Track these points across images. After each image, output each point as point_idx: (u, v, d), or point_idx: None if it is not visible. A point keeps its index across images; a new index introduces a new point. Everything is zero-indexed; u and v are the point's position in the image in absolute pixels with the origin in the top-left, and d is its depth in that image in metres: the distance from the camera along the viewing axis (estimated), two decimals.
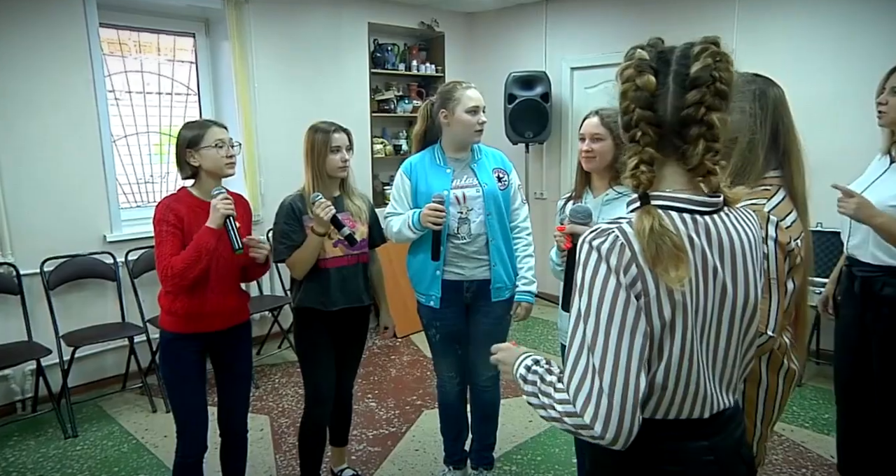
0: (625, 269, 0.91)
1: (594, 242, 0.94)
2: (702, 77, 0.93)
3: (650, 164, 0.96)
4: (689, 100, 0.93)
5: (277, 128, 4.20)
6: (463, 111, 2.23)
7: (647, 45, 0.99)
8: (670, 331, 0.94)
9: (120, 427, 3.16)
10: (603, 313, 0.91)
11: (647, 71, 0.95)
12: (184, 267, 1.90)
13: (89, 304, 3.50)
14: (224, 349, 2.15)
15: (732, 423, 1.06)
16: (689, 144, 0.95)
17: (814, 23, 3.68)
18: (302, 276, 2.25)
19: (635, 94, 0.96)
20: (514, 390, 3.54)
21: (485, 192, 2.28)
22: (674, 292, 0.92)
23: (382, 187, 5.08)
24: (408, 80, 5.21)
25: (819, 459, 2.74)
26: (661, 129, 0.96)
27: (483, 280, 2.32)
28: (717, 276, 0.97)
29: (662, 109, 0.95)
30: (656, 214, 0.93)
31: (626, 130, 0.99)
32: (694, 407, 0.99)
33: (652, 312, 0.92)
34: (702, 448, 0.99)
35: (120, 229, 3.62)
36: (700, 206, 0.97)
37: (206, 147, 1.99)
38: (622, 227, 0.94)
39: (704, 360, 0.99)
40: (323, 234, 2.17)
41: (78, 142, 3.42)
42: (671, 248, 0.90)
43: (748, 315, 1.03)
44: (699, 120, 0.93)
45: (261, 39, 4.11)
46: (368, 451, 2.91)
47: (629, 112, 0.97)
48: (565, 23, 4.89)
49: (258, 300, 3.99)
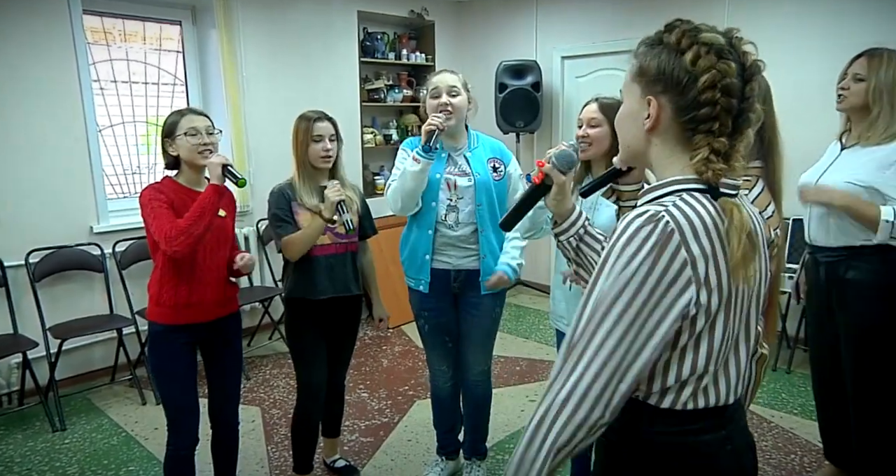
0: (670, 260, 0.87)
1: (642, 230, 0.88)
2: (756, 66, 0.92)
3: (720, 155, 0.93)
4: (748, 91, 0.92)
5: (266, 117, 4.15)
6: (429, 96, 2.24)
7: (674, 28, 0.95)
8: (720, 316, 0.92)
9: (109, 420, 3.13)
10: (627, 297, 0.87)
11: (727, 57, 0.91)
12: (188, 223, 1.85)
13: (76, 296, 3.46)
14: (214, 340, 2.13)
15: (740, 410, 1.06)
16: (738, 133, 0.93)
17: (802, 12, 3.68)
18: (296, 258, 2.22)
19: (724, 82, 0.90)
20: (506, 380, 3.55)
21: (476, 181, 2.26)
22: (722, 278, 0.90)
23: (373, 177, 5.05)
24: (398, 69, 5.17)
25: (807, 445, 2.77)
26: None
27: (471, 270, 2.30)
28: (758, 264, 0.96)
29: (736, 99, 0.92)
30: (740, 208, 0.91)
31: (703, 121, 0.92)
32: (728, 390, 0.98)
33: (702, 297, 0.89)
34: (721, 438, 0.99)
35: (107, 220, 3.57)
36: (734, 190, 0.96)
37: (179, 135, 1.97)
38: (671, 211, 0.90)
39: (741, 344, 0.99)
40: (329, 220, 2.15)
41: (63, 131, 3.36)
42: (748, 244, 0.89)
43: (762, 300, 1.03)
44: (752, 110, 0.93)
45: (249, 28, 4.05)
46: (361, 441, 2.91)
47: (712, 102, 0.90)
48: (556, 12, 4.86)
49: (248, 291, 3.97)
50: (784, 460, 2.68)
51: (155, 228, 1.89)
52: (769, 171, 1.60)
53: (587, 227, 1.27)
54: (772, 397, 3.25)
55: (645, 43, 0.99)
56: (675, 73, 0.92)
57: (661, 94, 0.95)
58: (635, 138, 1.01)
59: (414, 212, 2.29)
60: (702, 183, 0.94)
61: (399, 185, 2.19)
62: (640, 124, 0.98)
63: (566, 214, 1.25)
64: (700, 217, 0.90)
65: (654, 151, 0.99)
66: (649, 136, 0.98)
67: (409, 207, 2.25)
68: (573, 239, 1.26)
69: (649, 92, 0.96)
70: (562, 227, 1.26)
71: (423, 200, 2.25)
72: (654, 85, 0.95)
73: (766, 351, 1.49)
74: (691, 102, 0.92)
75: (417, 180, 2.14)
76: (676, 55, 0.93)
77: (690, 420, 0.97)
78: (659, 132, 0.97)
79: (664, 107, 0.95)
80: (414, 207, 2.26)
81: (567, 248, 1.28)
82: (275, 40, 4.21)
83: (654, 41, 0.97)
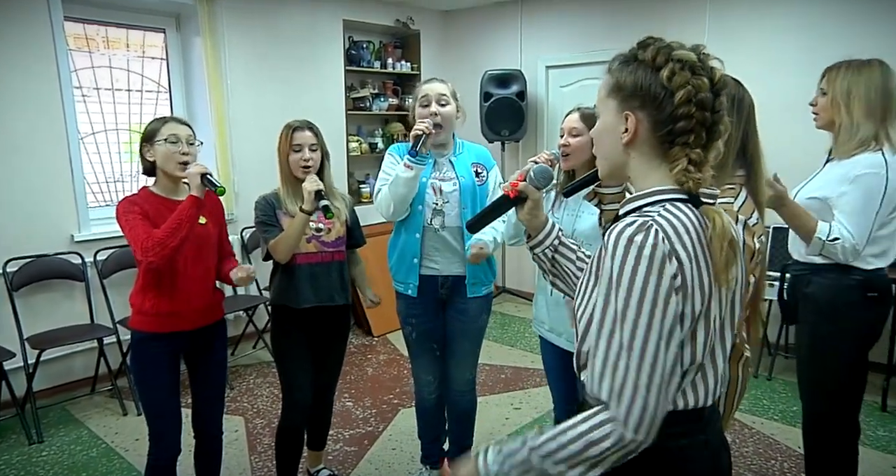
0: (666, 264, 0.90)
1: (636, 240, 0.91)
2: (724, 81, 0.96)
3: (696, 165, 0.96)
4: (718, 104, 0.96)
5: (251, 125, 4.14)
6: (418, 105, 2.27)
7: (648, 45, 0.98)
8: (702, 318, 0.94)
9: (88, 431, 3.08)
10: (644, 312, 0.89)
11: (700, 73, 0.95)
12: (164, 235, 1.84)
13: (56, 305, 3.41)
14: (197, 349, 2.11)
15: (717, 415, 1.08)
16: (710, 144, 0.97)
17: (783, 21, 3.76)
18: (284, 260, 2.21)
19: (699, 97, 0.94)
20: (491, 388, 3.55)
21: (461, 185, 2.28)
22: (704, 283, 0.93)
23: (358, 185, 5.05)
24: (383, 77, 5.18)
25: (787, 451, 2.80)
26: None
27: (458, 275, 2.31)
28: (737, 269, 1.00)
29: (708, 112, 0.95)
30: (722, 216, 0.94)
31: (680, 134, 0.96)
32: (706, 392, 1.00)
33: (688, 304, 0.92)
34: (700, 442, 1.01)
35: (88, 229, 3.53)
36: (713, 200, 1.00)
37: (159, 141, 1.95)
38: (658, 220, 0.93)
39: (717, 347, 1.01)
40: (310, 213, 2.13)
41: (43, 138, 3.32)
42: (729, 250, 0.93)
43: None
44: (721, 122, 0.97)
45: (234, 36, 4.04)
46: (345, 450, 2.89)
47: (688, 116, 0.94)
48: (540, 22, 4.92)
49: (233, 299, 3.93)
50: (765, 466, 2.71)
51: (131, 239, 1.88)
52: (751, 181, 1.63)
53: (561, 238, 1.29)
54: (753, 404, 3.29)
55: (619, 59, 1.01)
56: (652, 89, 0.95)
57: (639, 109, 0.97)
58: (614, 152, 1.03)
59: (402, 217, 2.30)
60: (682, 192, 0.97)
61: (390, 191, 2.21)
62: (618, 138, 1.01)
63: (539, 227, 1.27)
64: (684, 225, 0.93)
65: (632, 164, 1.02)
66: (627, 149, 1.01)
67: (401, 212, 2.27)
68: (548, 251, 1.28)
69: (627, 107, 0.99)
70: (536, 240, 1.28)
71: (409, 205, 2.27)
72: (632, 100, 0.98)
73: (749, 353, 1.52)
74: (668, 117, 0.95)
75: (409, 186, 2.17)
76: (652, 72, 0.96)
77: (669, 424, 0.98)
78: (636, 145, 1.00)
79: (642, 121, 0.98)
80: (405, 212, 2.28)
81: (543, 260, 1.30)
82: (260, 49, 4.21)
83: (629, 58, 1.00)
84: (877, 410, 3.18)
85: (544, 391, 3.36)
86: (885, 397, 3.20)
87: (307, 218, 2.15)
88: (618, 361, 0.91)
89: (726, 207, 1.36)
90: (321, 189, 2.13)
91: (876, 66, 1.89)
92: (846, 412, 2.03)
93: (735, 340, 1.39)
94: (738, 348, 1.47)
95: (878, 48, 3.26)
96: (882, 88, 1.86)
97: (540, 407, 3.27)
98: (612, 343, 0.92)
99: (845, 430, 2.05)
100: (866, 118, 1.87)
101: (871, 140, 1.87)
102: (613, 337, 0.92)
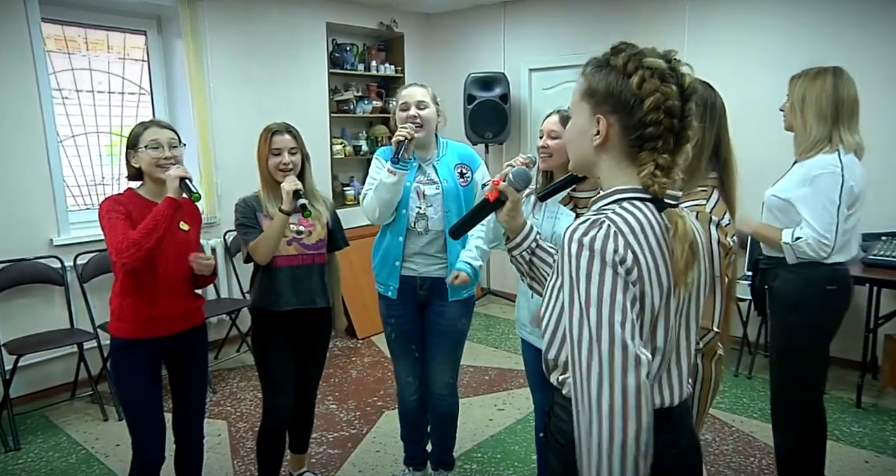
0: (621, 260, 0.92)
1: (585, 238, 0.93)
2: (693, 87, 0.98)
3: (664, 169, 0.98)
4: (686, 110, 0.98)
5: (234, 128, 4.12)
6: (399, 109, 2.29)
7: (621, 51, 1.00)
8: (661, 315, 0.97)
9: (68, 437, 3.05)
10: (605, 305, 0.91)
11: (669, 80, 0.97)
12: (140, 236, 1.82)
13: (35, 310, 3.37)
14: (178, 354, 2.10)
15: (687, 415, 1.10)
16: (678, 149, 0.99)
17: (761, 26, 3.82)
18: (264, 261, 2.20)
19: (667, 104, 0.96)
20: (475, 389, 3.56)
21: (444, 189, 2.29)
22: (662, 279, 0.95)
23: (342, 188, 5.05)
24: (367, 80, 5.19)
25: (766, 448, 2.84)
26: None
27: (438, 278, 2.32)
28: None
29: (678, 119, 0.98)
30: (684, 219, 0.96)
31: (648, 139, 0.98)
32: (672, 392, 1.02)
33: (646, 298, 0.94)
34: (668, 441, 1.02)
35: (68, 232, 3.49)
36: (676, 202, 1.02)
37: (141, 148, 1.95)
38: (611, 217, 0.95)
39: (682, 346, 1.03)
40: (289, 213, 2.13)
41: (21, 141, 3.28)
42: (689, 253, 0.95)
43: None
44: (689, 127, 0.99)
45: (216, 38, 4.03)
46: (328, 453, 2.89)
47: (657, 122, 0.96)
48: (523, 25, 4.95)
49: (216, 303, 3.91)
50: (743, 463, 2.75)
51: (108, 239, 1.87)
52: (724, 183, 1.67)
53: (538, 241, 1.31)
54: (733, 402, 3.33)
55: (592, 64, 1.04)
56: (623, 95, 0.98)
57: (610, 113, 1.00)
58: (585, 153, 1.06)
59: (389, 221, 2.31)
60: (645, 193, 1.00)
61: (375, 196, 2.22)
62: (590, 140, 1.03)
63: (518, 229, 1.29)
64: (638, 220, 0.96)
65: (602, 165, 1.04)
66: (598, 151, 1.03)
67: (386, 217, 2.29)
68: (525, 253, 1.30)
69: (599, 110, 1.01)
70: (514, 242, 1.30)
71: (395, 209, 2.28)
72: (603, 104, 1.00)
73: (722, 352, 1.55)
74: (638, 122, 0.98)
75: (393, 191, 2.19)
76: (623, 78, 0.98)
77: None
78: (607, 148, 1.02)
79: (613, 125, 1.00)
80: (390, 216, 2.29)
81: (520, 262, 1.32)
82: (242, 51, 4.19)
83: (602, 63, 1.02)
84: (852, 407, 3.24)
85: (528, 392, 3.37)
86: (860, 394, 3.26)
87: (286, 218, 2.15)
88: (590, 355, 0.92)
89: (698, 209, 1.39)
90: (299, 188, 2.14)
91: (829, 74, 2.06)
92: (809, 398, 2.24)
93: (713, 340, 1.43)
94: (711, 347, 1.50)
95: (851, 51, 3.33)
96: (832, 95, 2.04)
97: (523, 408, 3.29)
98: (580, 340, 0.93)
99: (809, 413, 2.24)
100: (817, 122, 2.05)
101: (825, 141, 2.05)
102: (584, 329, 0.93)
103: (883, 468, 2.70)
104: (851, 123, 2.07)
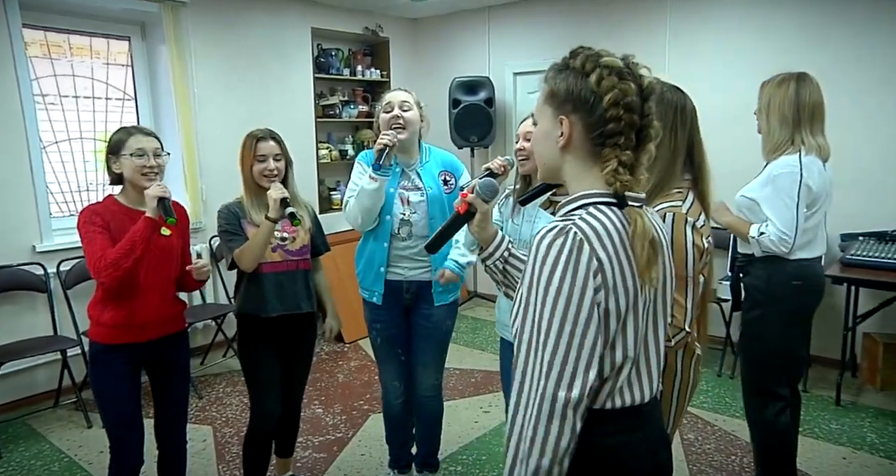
0: (586, 266, 0.94)
1: (555, 244, 0.95)
2: (651, 87, 1.01)
3: (627, 167, 1.00)
4: (646, 109, 1.01)
5: (219, 134, 4.12)
6: (382, 111, 2.31)
7: (578, 54, 1.03)
8: (629, 317, 0.99)
9: (51, 445, 3.03)
10: (558, 311, 0.93)
11: (626, 78, 1.00)
12: (117, 256, 1.83)
13: (17, 317, 3.35)
14: (159, 359, 2.10)
15: (657, 410, 1.12)
16: (641, 147, 1.02)
17: (741, 31, 3.88)
18: (249, 268, 2.21)
19: (626, 100, 0.99)
20: (461, 391, 3.58)
21: (428, 196, 2.30)
22: (628, 282, 0.97)
23: (329, 193, 5.05)
24: (353, 85, 5.21)
25: (747, 447, 2.87)
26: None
27: (423, 282, 2.34)
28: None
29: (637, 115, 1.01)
30: (643, 217, 0.98)
31: (610, 136, 1.00)
32: (642, 389, 1.04)
33: (610, 302, 0.96)
34: (638, 439, 1.04)
35: (51, 239, 3.48)
36: (640, 204, 1.04)
37: (125, 155, 1.95)
38: (578, 224, 0.97)
39: (651, 344, 1.06)
40: (276, 221, 2.14)
41: (2, 147, 3.27)
42: (650, 250, 0.97)
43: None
44: (651, 126, 1.02)
45: (200, 44, 4.03)
46: (314, 457, 2.89)
47: (617, 118, 0.99)
48: (507, 29, 4.99)
49: (201, 308, 3.91)
50: (725, 462, 2.78)
51: (87, 254, 1.88)
52: (698, 185, 1.70)
53: (511, 249, 1.33)
54: (715, 401, 3.37)
55: (553, 69, 1.07)
56: (583, 93, 1.01)
57: (572, 112, 1.03)
58: (551, 156, 1.08)
59: (372, 227, 2.32)
60: (610, 196, 1.02)
61: (357, 203, 2.23)
62: (555, 142, 1.06)
63: (490, 240, 1.31)
64: (604, 226, 0.98)
65: (567, 167, 1.07)
66: (563, 153, 1.06)
67: (369, 223, 2.29)
68: (499, 262, 1.32)
69: (561, 112, 1.04)
70: (487, 252, 1.33)
71: (378, 215, 2.29)
72: (565, 105, 1.03)
73: (700, 352, 1.57)
74: (599, 119, 1.01)
75: (374, 198, 2.20)
76: (582, 77, 1.02)
77: (607, 421, 1.02)
78: (571, 149, 1.05)
79: (575, 124, 1.03)
80: (373, 223, 2.29)
81: (494, 271, 1.34)
82: (227, 56, 4.20)
83: (562, 66, 1.06)
84: (831, 405, 3.29)
85: None
86: (839, 392, 3.31)
87: (273, 226, 2.16)
88: (535, 353, 0.96)
89: (674, 210, 1.41)
90: (287, 197, 2.15)
91: (793, 79, 2.17)
92: (776, 392, 2.28)
93: (684, 339, 1.45)
94: (689, 347, 1.52)
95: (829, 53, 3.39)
96: (794, 100, 2.15)
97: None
98: (532, 339, 0.97)
99: (776, 408, 2.29)
100: (780, 125, 2.17)
101: (787, 143, 2.17)
102: (533, 333, 0.96)
103: (860, 464, 2.74)
104: (814, 127, 2.16)
